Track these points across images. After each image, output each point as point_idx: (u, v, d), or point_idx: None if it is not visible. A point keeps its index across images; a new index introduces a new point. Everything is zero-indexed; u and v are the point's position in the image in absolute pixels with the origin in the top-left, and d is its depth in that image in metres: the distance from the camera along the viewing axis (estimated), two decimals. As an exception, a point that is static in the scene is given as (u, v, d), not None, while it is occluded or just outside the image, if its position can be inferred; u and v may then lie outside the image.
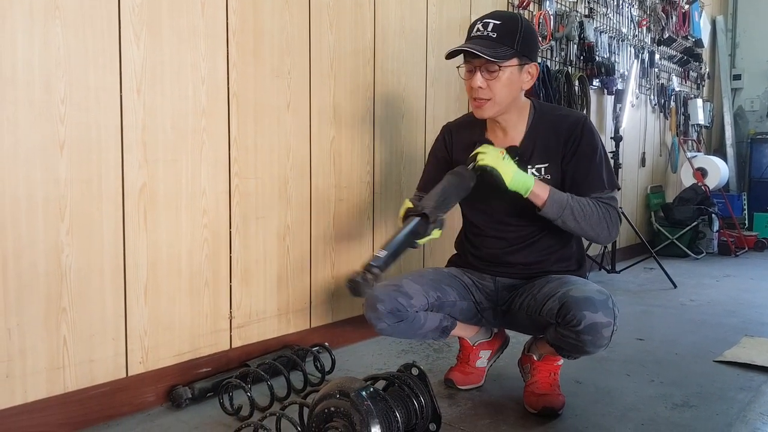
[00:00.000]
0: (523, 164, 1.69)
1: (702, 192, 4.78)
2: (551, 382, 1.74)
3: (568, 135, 1.67)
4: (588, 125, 1.69)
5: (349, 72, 2.23)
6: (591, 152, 1.67)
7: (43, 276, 1.48)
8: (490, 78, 1.61)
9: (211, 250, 1.82)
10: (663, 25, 4.72)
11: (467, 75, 1.66)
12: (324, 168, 2.16)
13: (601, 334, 1.49)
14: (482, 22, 1.63)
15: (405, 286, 1.68)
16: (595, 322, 1.47)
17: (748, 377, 1.98)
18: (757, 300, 3.20)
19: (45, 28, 1.45)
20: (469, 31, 1.67)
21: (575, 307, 1.49)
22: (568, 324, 1.50)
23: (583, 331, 1.48)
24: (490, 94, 1.63)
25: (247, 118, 1.89)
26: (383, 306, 1.62)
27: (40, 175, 1.46)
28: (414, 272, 1.80)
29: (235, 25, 1.84)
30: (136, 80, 1.62)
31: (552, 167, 1.69)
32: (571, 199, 1.60)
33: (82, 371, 1.56)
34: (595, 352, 1.55)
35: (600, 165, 1.67)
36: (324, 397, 1.32)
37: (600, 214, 1.62)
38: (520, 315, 1.72)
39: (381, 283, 1.62)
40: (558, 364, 1.77)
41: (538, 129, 1.72)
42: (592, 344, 1.50)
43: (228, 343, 1.89)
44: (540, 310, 1.61)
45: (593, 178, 1.66)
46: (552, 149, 1.69)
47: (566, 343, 1.55)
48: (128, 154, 1.62)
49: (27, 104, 1.43)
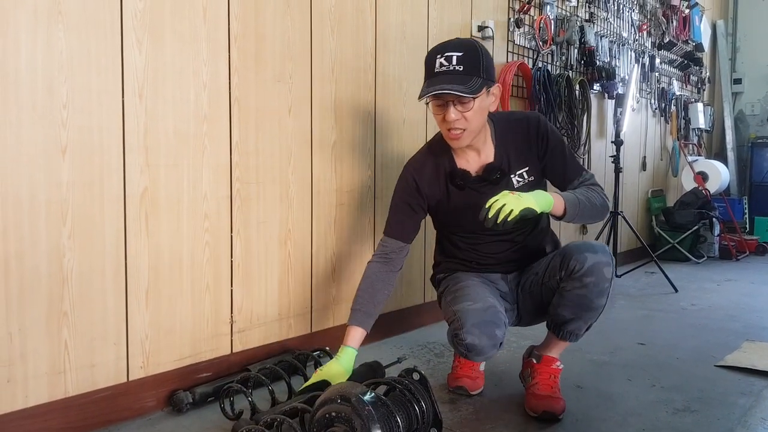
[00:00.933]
0: (505, 175, 1.77)
1: (703, 196, 4.78)
2: (551, 384, 1.74)
3: (535, 135, 1.76)
4: (546, 122, 1.80)
5: (350, 76, 2.23)
6: (560, 145, 1.78)
7: (44, 279, 1.48)
8: (464, 110, 1.64)
9: (212, 255, 1.82)
10: (663, 29, 4.73)
11: (438, 109, 1.68)
12: (325, 172, 2.16)
13: (603, 274, 1.61)
14: (444, 57, 1.62)
15: (498, 305, 1.67)
16: (597, 261, 1.61)
17: (749, 382, 1.98)
18: (758, 304, 3.20)
19: (48, 32, 1.46)
20: (430, 66, 1.65)
21: (576, 251, 1.63)
22: (572, 271, 1.62)
23: (586, 272, 1.60)
24: (465, 124, 1.66)
25: (248, 122, 1.90)
26: (500, 331, 1.61)
27: (42, 179, 1.46)
28: (474, 285, 1.75)
29: (237, 30, 1.84)
30: (138, 84, 1.62)
31: (532, 169, 1.78)
32: (577, 195, 1.66)
33: (83, 376, 1.56)
34: (599, 304, 1.64)
35: (570, 153, 1.79)
36: (325, 402, 1.32)
37: (596, 196, 1.70)
38: (528, 296, 1.81)
39: (474, 305, 1.63)
40: (557, 367, 1.78)
41: (505, 140, 1.78)
42: (596, 287, 1.60)
43: (229, 348, 1.89)
44: (543, 277, 1.74)
45: (571, 167, 1.77)
46: (525, 153, 1.77)
47: (571, 298, 1.63)
48: (130, 158, 1.62)
49: (30, 108, 1.44)
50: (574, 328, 1.71)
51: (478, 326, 1.58)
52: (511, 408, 1.76)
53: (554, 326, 1.75)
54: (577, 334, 1.73)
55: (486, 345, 1.58)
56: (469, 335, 1.58)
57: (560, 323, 1.72)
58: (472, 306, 1.63)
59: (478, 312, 1.61)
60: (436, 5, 2.58)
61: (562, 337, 1.74)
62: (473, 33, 2.77)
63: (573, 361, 1.74)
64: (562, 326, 1.72)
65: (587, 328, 1.74)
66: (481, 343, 1.57)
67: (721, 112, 6.12)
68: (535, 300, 1.80)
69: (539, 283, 1.77)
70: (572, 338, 1.74)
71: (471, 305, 1.63)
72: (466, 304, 1.64)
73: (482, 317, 1.60)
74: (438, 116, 1.69)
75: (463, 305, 1.65)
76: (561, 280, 1.67)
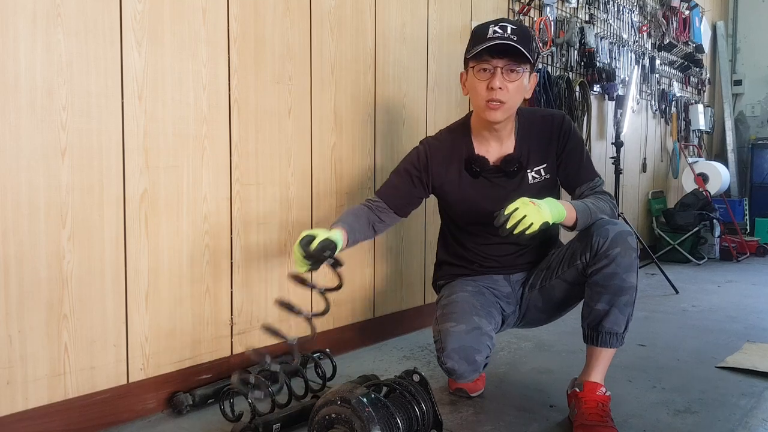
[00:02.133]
0: (522, 170, 1.74)
1: (703, 197, 4.78)
2: (601, 414, 1.55)
3: (558, 133, 1.75)
4: (570, 122, 1.78)
5: (350, 78, 2.23)
6: (579, 147, 1.77)
7: (44, 282, 1.48)
8: (509, 80, 1.61)
9: (212, 257, 1.82)
10: (663, 30, 4.73)
11: (482, 75, 1.62)
12: (325, 174, 2.16)
13: (629, 243, 1.55)
14: (498, 26, 1.60)
15: (483, 325, 1.61)
16: (619, 231, 1.56)
17: (751, 383, 1.98)
18: (759, 305, 3.19)
19: (47, 35, 1.46)
20: (480, 34, 1.61)
21: (596, 229, 1.59)
22: (597, 249, 1.56)
23: (611, 243, 1.54)
24: (507, 97, 1.62)
25: (248, 124, 1.90)
26: (480, 356, 1.56)
27: (42, 181, 1.46)
28: (463, 301, 1.69)
29: (236, 31, 1.85)
30: (137, 87, 1.62)
31: (549, 167, 1.77)
32: (587, 205, 1.62)
33: (84, 378, 1.56)
34: (630, 282, 1.55)
35: (587, 157, 1.79)
36: (325, 404, 1.32)
37: (605, 206, 1.68)
38: (538, 293, 1.76)
39: (457, 327, 1.57)
40: (604, 394, 1.60)
41: (528, 134, 1.76)
42: (623, 258, 1.54)
43: (229, 350, 1.89)
44: (558, 270, 1.70)
45: (585, 170, 1.76)
46: (545, 150, 1.76)
47: (602, 280, 1.56)
48: (129, 160, 1.62)
49: (29, 111, 1.44)
50: (612, 324, 1.57)
51: (458, 351, 1.54)
52: (511, 410, 1.76)
53: (591, 331, 1.61)
54: (617, 333, 1.59)
55: (465, 370, 1.54)
56: (449, 360, 1.54)
57: (596, 323, 1.59)
58: (454, 328, 1.58)
59: (459, 335, 1.56)
60: (435, 6, 2.59)
61: (602, 342, 1.59)
62: (473, 34, 2.77)
63: (573, 363, 1.72)
64: (599, 326, 1.58)
65: (626, 325, 1.59)
66: (461, 368, 1.54)
67: (721, 114, 6.12)
68: (545, 296, 1.74)
69: (551, 276, 1.72)
70: (613, 340, 1.59)
71: (454, 327, 1.58)
72: (449, 325, 1.59)
73: (463, 342, 1.55)
74: (480, 83, 1.62)
75: (446, 326, 1.60)
76: (587, 266, 1.59)
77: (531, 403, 1.80)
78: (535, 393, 1.89)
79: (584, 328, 1.64)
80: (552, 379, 1.98)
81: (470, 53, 1.64)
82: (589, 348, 1.65)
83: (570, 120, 1.79)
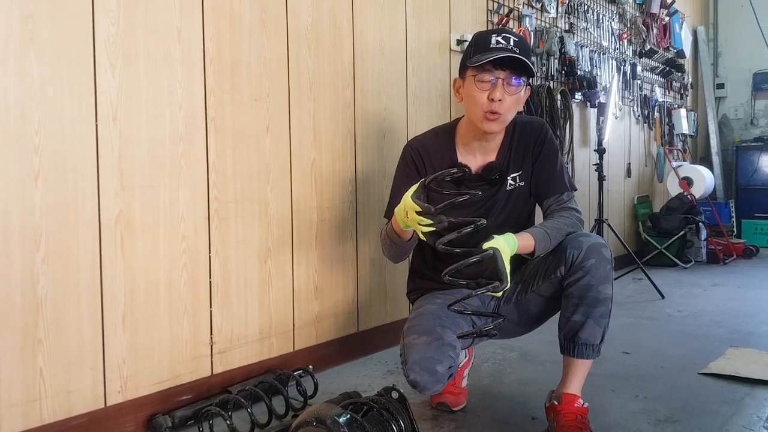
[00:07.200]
0: (504, 178, 1.75)
1: (688, 201, 4.81)
2: (580, 426, 1.56)
3: (535, 140, 1.75)
4: (548, 130, 1.78)
5: (328, 93, 2.24)
6: (553, 156, 1.76)
7: (18, 306, 1.47)
8: (509, 93, 1.62)
9: (191, 276, 1.82)
10: (644, 37, 4.77)
11: (482, 86, 1.61)
12: (305, 189, 2.16)
13: (603, 254, 1.58)
14: (501, 36, 1.60)
15: (446, 336, 1.57)
16: (593, 243, 1.59)
17: (732, 389, 1.98)
18: (743, 309, 3.21)
19: (20, 60, 1.45)
20: (483, 43, 1.61)
21: (569, 243, 1.60)
22: (572, 262, 1.57)
23: (586, 255, 1.56)
24: (504, 110, 1.63)
25: (225, 142, 1.90)
26: (442, 366, 1.52)
27: (15, 205, 1.46)
28: (428, 313, 1.66)
29: (212, 51, 1.85)
30: (112, 108, 1.62)
31: (524, 174, 1.76)
32: (547, 230, 1.61)
33: (60, 402, 1.54)
34: (605, 293, 1.57)
35: (561, 168, 1.76)
36: (301, 425, 1.32)
37: (565, 224, 1.65)
38: (514, 306, 1.73)
39: (419, 339, 1.55)
40: (582, 405, 1.61)
41: (511, 141, 1.76)
42: (598, 269, 1.56)
43: (209, 369, 1.88)
44: (533, 284, 1.68)
45: (557, 181, 1.74)
46: (523, 156, 1.76)
47: (577, 292, 1.57)
48: (104, 181, 1.61)
49: (1, 135, 1.43)
50: (589, 336, 1.58)
51: (419, 363, 1.52)
52: (494, 424, 1.76)
53: (567, 342, 1.62)
54: (593, 344, 1.59)
55: (428, 381, 1.51)
56: (412, 372, 1.53)
57: (573, 334, 1.60)
58: (416, 341, 1.56)
59: (420, 347, 1.54)
60: (413, 20, 2.60)
61: (579, 354, 1.60)
62: (452, 47, 2.79)
63: (557, 373, 1.72)
64: (576, 337, 1.59)
65: (602, 336, 1.60)
66: (423, 380, 1.51)
67: (704, 117, 6.17)
68: (520, 310, 1.73)
69: (526, 291, 1.70)
70: (589, 351, 1.60)
71: (415, 339, 1.56)
72: (411, 338, 1.58)
73: (424, 353, 1.52)
74: (481, 93, 1.61)
75: (408, 339, 1.58)
76: (563, 278, 1.60)
77: (513, 416, 1.80)
78: (517, 405, 1.89)
79: (561, 339, 1.64)
80: (535, 390, 1.98)
81: (472, 61, 1.61)
82: (565, 359, 1.66)
83: (548, 128, 1.79)
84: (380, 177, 2.47)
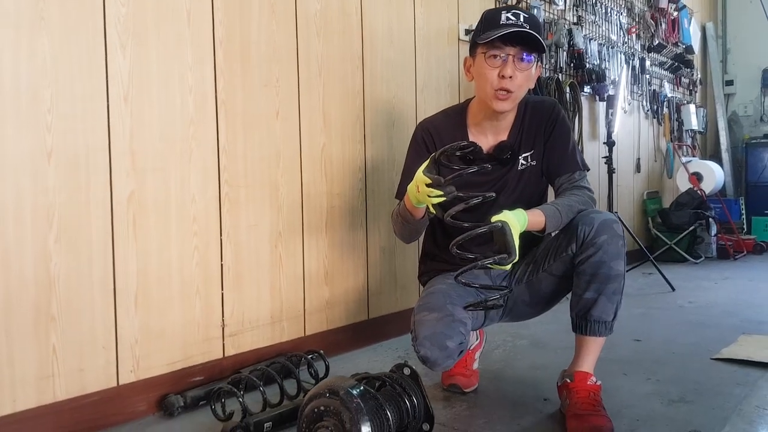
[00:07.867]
0: (515, 157, 1.74)
1: (698, 196, 4.78)
2: (593, 403, 1.55)
3: (546, 119, 1.74)
4: (560, 109, 1.77)
5: (338, 79, 2.24)
6: (566, 135, 1.75)
7: (31, 284, 1.47)
8: (519, 69, 1.61)
9: (202, 258, 1.82)
10: (652, 32, 4.76)
11: (493, 62, 1.60)
12: (315, 175, 2.17)
13: (614, 230, 1.56)
14: (511, 12, 1.59)
15: (456, 312, 1.56)
16: (604, 219, 1.57)
17: (745, 373, 1.97)
18: (755, 300, 3.18)
19: (31, 39, 1.47)
20: (493, 20, 1.59)
21: (581, 220, 1.58)
22: (584, 239, 1.56)
23: (598, 231, 1.54)
24: (515, 87, 1.62)
25: (235, 126, 1.90)
26: (452, 342, 1.51)
27: (28, 184, 1.47)
28: (439, 292, 1.66)
29: (222, 34, 1.86)
30: (123, 89, 1.63)
31: (536, 153, 1.75)
32: (558, 207, 1.60)
33: (72, 380, 1.55)
34: (617, 269, 1.55)
35: (573, 147, 1.76)
36: (314, 397, 1.31)
37: (577, 201, 1.65)
38: (525, 287, 1.72)
39: (429, 315, 1.55)
40: (595, 383, 1.60)
41: (522, 120, 1.76)
42: (610, 245, 1.54)
43: (221, 352, 1.88)
44: (544, 263, 1.67)
45: (569, 160, 1.74)
46: (534, 136, 1.75)
47: (589, 269, 1.56)
48: (116, 162, 1.62)
49: (14, 114, 1.44)
50: (601, 313, 1.57)
51: (429, 338, 1.51)
52: (505, 404, 1.75)
53: (579, 320, 1.61)
54: (605, 321, 1.58)
55: (439, 356, 1.50)
56: (422, 348, 1.52)
57: (585, 312, 1.58)
58: (426, 317, 1.56)
59: (431, 323, 1.53)
60: (422, 8, 2.60)
61: (591, 331, 1.59)
62: (460, 36, 2.79)
63: (569, 359, 1.70)
64: (588, 314, 1.58)
65: (615, 313, 1.59)
66: (434, 355, 1.50)
67: (714, 114, 6.14)
68: (532, 290, 1.72)
69: (538, 270, 1.69)
70: (602, 328, 1.59)
71: (426, 316, 1.56)
72: (421, 315, 1.57)
73: (434, 329, 1.52)
74: (491, 70, 1.61)
75: (419, 316, 1.58)
76: (575, 255, 1.58)
77: (525, 398, 1.79)
78: (529, 388, 1.88)
79: (573, 317, 1.63)
80: (547, 375, 1.96)
81: (481, 38, 1.60)
82: (578, 337, 1.65)
83: (560, 108, 1.78)
84: (389, 166, 2.47)
